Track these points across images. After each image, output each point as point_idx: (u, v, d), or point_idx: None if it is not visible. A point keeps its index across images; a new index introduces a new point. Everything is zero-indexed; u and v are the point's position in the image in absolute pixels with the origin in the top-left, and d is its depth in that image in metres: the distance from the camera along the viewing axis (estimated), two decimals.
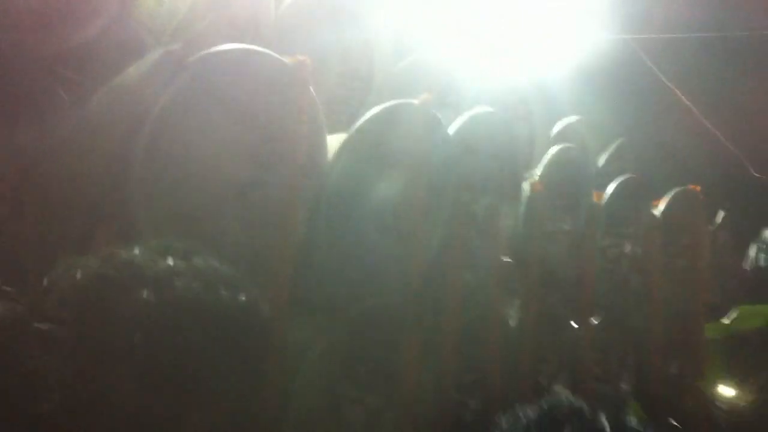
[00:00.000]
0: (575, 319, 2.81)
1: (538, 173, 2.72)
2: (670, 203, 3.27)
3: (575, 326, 2.81)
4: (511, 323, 2.57)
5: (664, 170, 3.67)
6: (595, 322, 2.88)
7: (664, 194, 3.29)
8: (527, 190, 2.66)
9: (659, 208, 3.24)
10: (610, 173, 3.19)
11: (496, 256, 2.48)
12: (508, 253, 2.54)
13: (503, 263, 2.51)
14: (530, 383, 2.53)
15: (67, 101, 1.72)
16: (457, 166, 2.36)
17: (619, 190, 3.04)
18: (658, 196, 3.29)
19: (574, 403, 1.47)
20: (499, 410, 1.53)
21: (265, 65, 1.90)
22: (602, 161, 3.32)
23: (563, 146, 2.88)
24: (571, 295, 2.81)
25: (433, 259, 2.29)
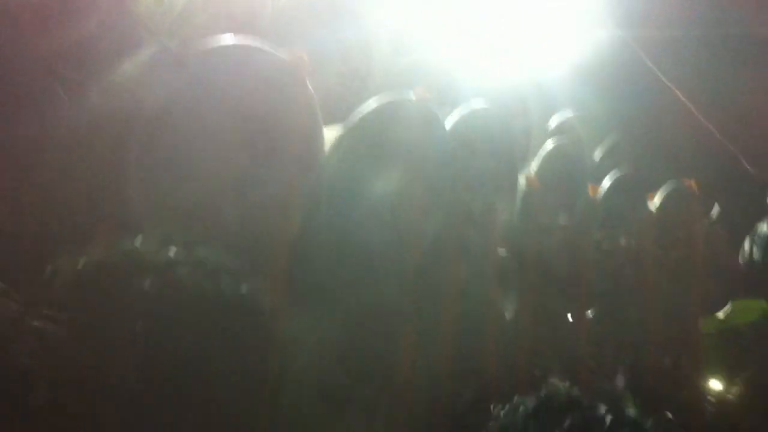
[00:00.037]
0: (571, 312, 2.83)
1: (534, 168, 2.74)
2: (665, 197, 3.28)
3: (570, 319, 2.82)
4: (506, 316, 2.58)
5: (659, 165, 3.67)
6: (590, 315, 2.90)
7: (659, 189, 3.31)
8: (523, 184, 2.67)
9: (654, 202, 3.26)
10: (605, 168, 3.20)
11: (492, 249, 2.50)
12: (504, 246, 2.55)
13: (499, 257, 2.52)
14: (525, 375, 2.54)
15: (65, 98, 1.73)
16: (453, 160, 2.38)
17: (614, 184, 3.06)
18: (653, 190, 3.30)
19: (571, 393, 1.49)
20: (494, 401, 1.54)
21: (262, 61, 1.91)
22: (598, 156, 3.33)
23: (559, 141, 2.89)
24: (566, 288, 2.83)
25: (429, 251, 2.31)
